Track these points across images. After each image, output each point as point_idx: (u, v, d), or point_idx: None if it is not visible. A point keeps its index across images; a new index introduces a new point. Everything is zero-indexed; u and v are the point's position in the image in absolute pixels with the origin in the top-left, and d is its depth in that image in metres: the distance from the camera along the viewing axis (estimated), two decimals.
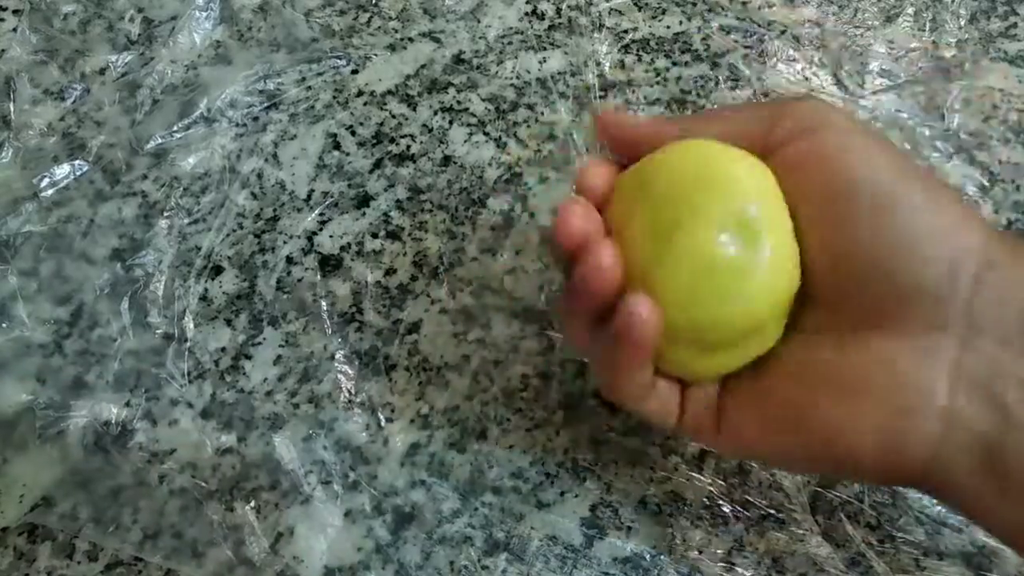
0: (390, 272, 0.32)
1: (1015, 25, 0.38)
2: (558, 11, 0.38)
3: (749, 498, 0.28)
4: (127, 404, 0.30)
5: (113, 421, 0.30)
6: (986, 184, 0.34)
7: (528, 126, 0.35)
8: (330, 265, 0.32)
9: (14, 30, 0.38)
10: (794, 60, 0.37)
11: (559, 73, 0.37)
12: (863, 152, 0.20)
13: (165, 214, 0.33)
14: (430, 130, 0.35)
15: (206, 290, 0.32)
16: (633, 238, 0.21)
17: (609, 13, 0.38)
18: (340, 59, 0.37)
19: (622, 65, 0.37)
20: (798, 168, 0.21)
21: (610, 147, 0.24)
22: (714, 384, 0.23)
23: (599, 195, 0.23)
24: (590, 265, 0.20)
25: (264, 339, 0.31)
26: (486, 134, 0.35)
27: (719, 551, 0.27)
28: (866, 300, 0.20)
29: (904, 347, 0.20)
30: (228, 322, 0.31)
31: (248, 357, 0.31)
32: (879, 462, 0.20)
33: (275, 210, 0.34)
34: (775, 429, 0.21)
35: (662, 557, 0.27)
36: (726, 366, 0.22)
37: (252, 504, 0.28)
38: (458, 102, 0.36)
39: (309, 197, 0.34)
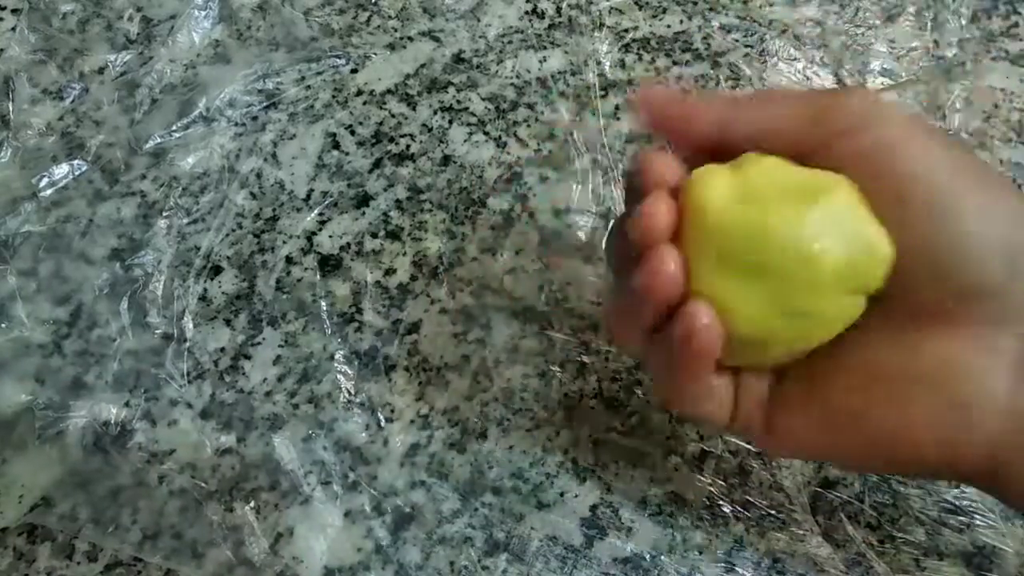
0: (390, 272, 0.32)
1: (1016, 24, 0.38)
2: (558, 10, 0.38)
3: (749, 498, 0.28)
4: (126, 404, 0.30)
5: (112, 421, 0.30)
6: None
7: (528, 125, 0.35)
8: (329, 265, 0.32)
9: (13, 29, 0.38)
10: (795, 59, 0.37)
11: (559, 72, 0.36)
12: (918, 148, 0.20)
13: (164, 214, 0.33)
14: (430, 129, 0.35)
15: (205, 290, 0.32)
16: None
17: (609, 12, 0.38)
18: (339, 58, 0.37)
19: (623, 64, 0.37)
20: (852, 165, 0.20)
21: (652, 125, 0.22)
22: (767, 380, 0.22)
23: (673, 188, 0.21)
24: (654, 269, 0.20)
25: (263, 339, 0.31)
26: (486, 133, 0.35)
27: (719, 551, 0.27)
28: (923, 298, 0.20)
29: (963, 344, 0.19)
30: (227, 322, 0.31)
31: (247, 357, 0.31)
32: (940, 460, 0.20)
33: (274, 210, 0.34)
34: (831, 430, 0.21)
35: (662, 557, 0.27)
36: (803, 341, 0.21)
37: (252, 504, 0.28)
38: (458, 101, 0.36)
39: (308, 197, 0.34)
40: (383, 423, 0.29)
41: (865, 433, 0.21)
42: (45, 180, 0.34)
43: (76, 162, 0.34)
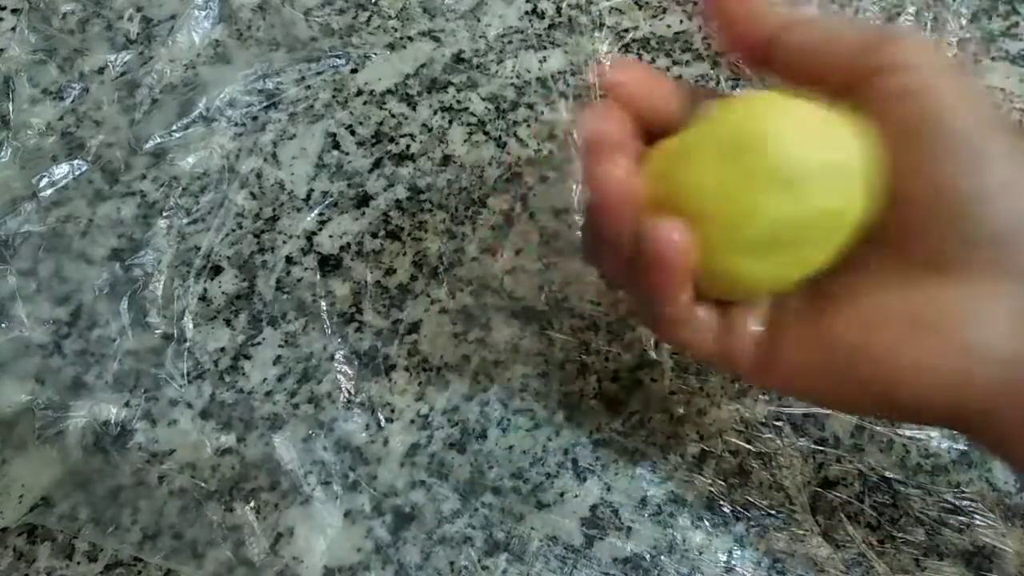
0: (390, 272, 0.32)
1: (1017, 24, 0.38)
2: (558, 10, 0.38)
3: (749, 498, 0.28)
4: (126, 404, 0.30)
5: (112, 421, 0.30)
6: None
7: (528, 125, 0.35)
8: (329, 265, 0.32)
9: (13, 29, 0.38)
10: None
11: (559, 72, 0.36)
12: (953, 97, 0.20)
13: (164, 214, 0.33)
14: (430, 129, 0.35)
15: (205, 290, 0.32)
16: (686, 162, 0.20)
17: (609, 12, 0.38)
18: (339, 58, 0.37)
19: None
20: (889, 100, 0.20)
21: (711, 15, 0.23)
22: (761, 315, 0.22)
23: (630, 100, 0.22)
24: (602, 173, 0.20)
25: (263, 339, 0.31)
26: (486, 133, 0.35)
27: (719, 551, 0.27)
28: (934, 243, 0.20)
29: (968, 292, 0.20)
30: (227, 322, 0.31)
31: (247, 357, 0.31)
32: (940, 404, 0.20)
33: (274, 210, 0.34)
34: (832, 368, 0.21)
35: (662, 557, 0.27)
36: (781, 277, 0.21)
37: (252, 504, 0.28)
38: (458, 101, 0.36)
39: (308, 197, 0.34)
40: (383, 423, 0.29)
41: (865, 373, 0.21)
42: (45, 180, 0.34)
43: (76, 162, 0.34)
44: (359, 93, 0.36)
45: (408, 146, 0.35)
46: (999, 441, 0.21)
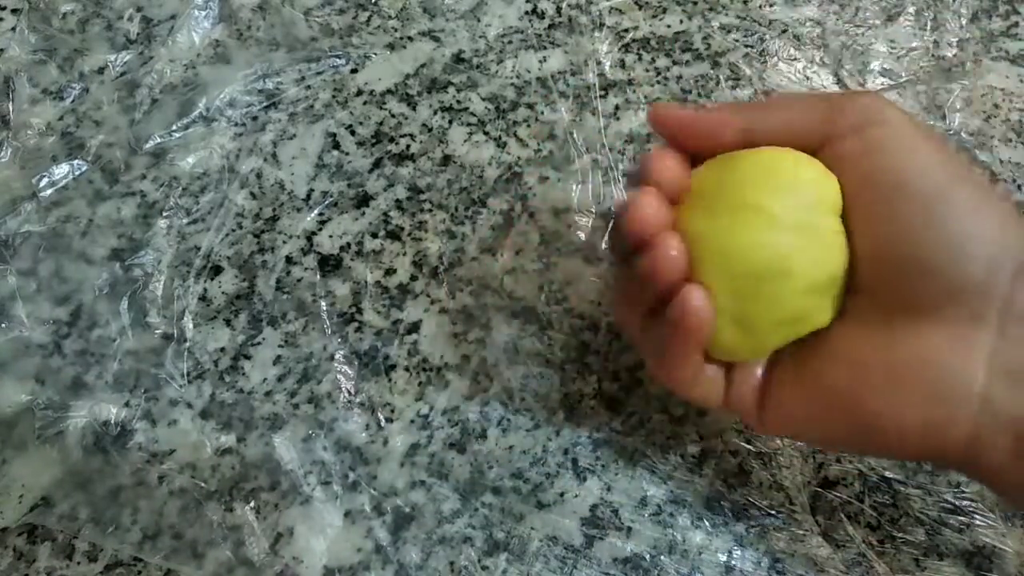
0: (390, 272, 0.32)
1: (1016, 24, 0.38)
2: (558, 10, 0.38)
3: (749, 498, 0.28)
4: (126, 404, 0.30)
5: (112, 421, 0.29)
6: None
7: (528, 125, 0.35)
8: (329, 265, 0.32)
9: (13, 29, 0.38)
10: (795, 59, 0.37)
11: (559, 72, 0.36)
12: (917, 150, 0.21)
13: (164, 214, 0.33)
14: (430, 129, 0.35)
15: (205, 290, 0.32)
16: (692, 232, 0.22)
17: (609, 12, 0.38)
18: (339, 58, 0.37)
19: (623, 64, 0.37)
20: (853, 161, 0.21)
21: (669, 142, 0.24)
22: (760, 364, 0.24)
23: (672, 189, 0.23)
24: (658, 256, 0.21)
25: (263, 339, 0.31)
26: (486, 133, 0.35)
27: (719, 551, 0.27)
28: (911, 292, 0.21)
29: (946, 337, 0.21)
30: (227, 322, 0.31)
31: (247, 357, 0.31)
32: (922, 446, 0.21)
33: (274, 210, 0.34)
34: (822, 413, 0.22)
35: (662, 557, 0.27)
36: (772, 348, 0.23)
37: (252, 504, 0.28)
38: (458, 101, 0.36)
39: (308, 197, 0.34)
40: (383, 423, 0.29)
41: (854, 417, 0.22)
42: (45, 180, 0.34)
43: (76, 162, 0.34)
44: (359, 93, 0.36)
45: (408, 146, 0.35)
46: (986, 475, 0.21)
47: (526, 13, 0.38)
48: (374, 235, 0.33)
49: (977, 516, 0.28)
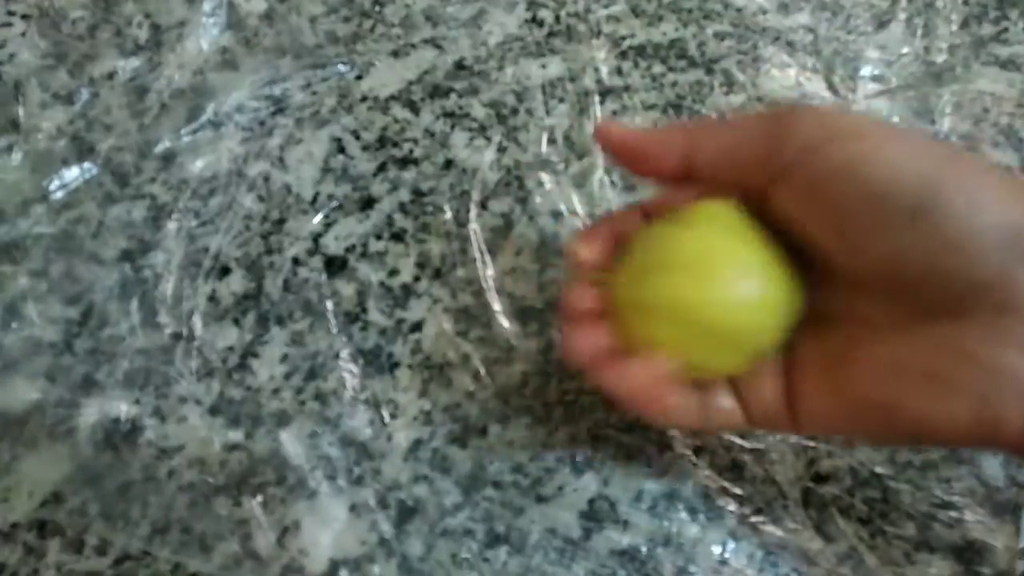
0: (394, 273, 0.33)
1: (1006, 30, 0.38)
2: (557, 18, 0.39)
3: (743, 493, 0.29)
4: (136, 402, 0.30)
5: (122, 418, 0.30)
6: None
7: (528, 130, 0.36)
8: (335, 266, 0.33)
9: (23, 35, 0.38)
10: (788, 66, 0.38)
11: (558, 79, 0.37)
12: (894, 153, 0.19)
13: (174, 216, 0.34)
14: (432, 134, 0.36)
15: (214, 290, 0.33)
16: (625, 297, 0.23)
17: (607, 20, 0.39)
18: (344, 65, 0.38)
19: (619, 71, 0.37)
20: (825, 179, 0.20)
21: (612, 159, 0.24)
22: (774, 378, 0.24)
23: (599, 266, 0.24)
24: (568, 347, 0.23)
25: (271, 338, 0.32)
26: (487, 138, 0.36)
27: (714, 544, 0.28)
28: (925, 297, 0.20)
29: (973, 333, 0.19)
30: (236, 321, 0.32)
31: (255, 355, 0.31)
32: (979, 438, 0.20)
33: (281, 212, 0.34)
34: (862, 418, 0.22)
35: (658, 550, 0.28)
36: (736, 365, 0.23)
37: (259, 499, 0.28)
38: (460, 107, 0.37)
39: (314, 200, 0.34)
40: (387, 419, 0.30)
41: (899, 422, 0.21)
42: (56, 183, 0.34)
43: (86, 165, 0.35)
44: (364, 99, 0.37)
45: (411, 150, 0.36)
46: None
47: (526, 21, 0.39)
48: (378, 237, 0.34)
49: (967, 511, 0.28)
